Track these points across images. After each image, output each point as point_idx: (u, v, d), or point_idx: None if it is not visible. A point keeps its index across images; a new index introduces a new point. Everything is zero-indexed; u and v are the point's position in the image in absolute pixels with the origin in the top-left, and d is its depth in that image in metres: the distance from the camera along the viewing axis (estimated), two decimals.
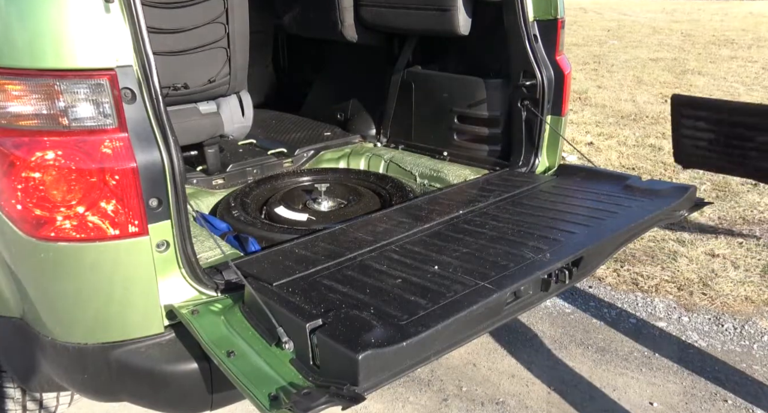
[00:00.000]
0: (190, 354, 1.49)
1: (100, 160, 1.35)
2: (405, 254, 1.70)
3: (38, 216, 1.37)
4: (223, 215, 2.16)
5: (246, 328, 1.45)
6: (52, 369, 1.59)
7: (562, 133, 2.45)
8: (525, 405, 2.38)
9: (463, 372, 2.58)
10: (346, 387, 1.21)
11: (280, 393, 1.24)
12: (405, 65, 2.86)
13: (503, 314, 1.55)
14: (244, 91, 2.59)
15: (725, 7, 17.18)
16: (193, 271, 1.51)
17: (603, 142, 5.39)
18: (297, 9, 3.00)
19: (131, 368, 1.50)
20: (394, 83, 2.89)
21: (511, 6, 2.34)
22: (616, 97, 6.98)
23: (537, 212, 2.01)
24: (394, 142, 2.95)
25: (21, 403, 1.99)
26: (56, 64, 1.29)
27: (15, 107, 1.32)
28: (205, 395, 1.51)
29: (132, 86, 1.35)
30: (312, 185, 2.49)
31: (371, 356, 1.21)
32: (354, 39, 2.81)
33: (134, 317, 1.49)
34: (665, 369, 2.57)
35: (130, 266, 1.44)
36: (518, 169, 2.46)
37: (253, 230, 2.02)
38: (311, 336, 1.30)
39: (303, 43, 3.51)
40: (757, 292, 3.09)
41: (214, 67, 2.29)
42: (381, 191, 2.44)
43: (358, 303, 1.42)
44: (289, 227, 2.06)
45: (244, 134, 2.75)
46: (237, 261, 1.63)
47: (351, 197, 2.40)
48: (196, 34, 2.17)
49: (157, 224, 1.43)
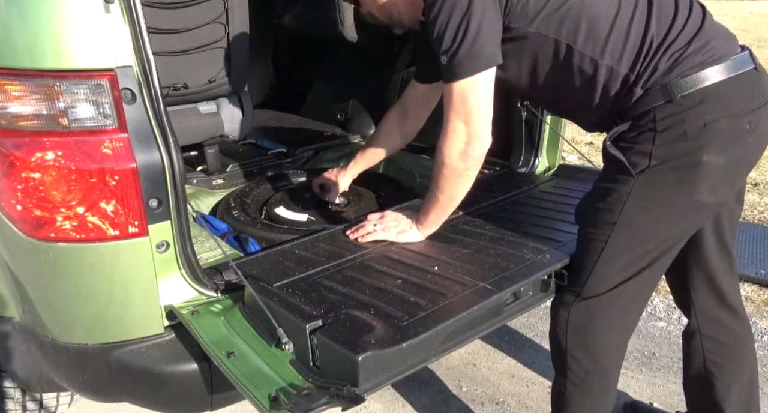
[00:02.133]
0: (190, 354, 1.50)
1: (100, 160, 1.35)
2: (405, 255, 1.70)
3: (38, 217, 1.37)
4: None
5: (246, 329, 1.45)
6: (52, 369, 1.59)
7: (562, 133, 2.45)
8: (525, 405, 2.38)
9: (463, 372, 2.58)
10: (346, 388, 1.21)
11: (280, 394, 1.24)
12: (405, 65, 2.86)
13: (503, 315, 1.55)
14: (244, 91, 2.59)
15: (725, 7, 17.17)
16: (193, 271, 1.51)
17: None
18: (297, 9, 3.00)
19: (131, 368, 1.50)
20: (394, 83, 2.88)
21: None
22: None
23: (537, 213, 2.01)
24: None
25: (21, 403, 1.99)
26: (56, 65, 1.29)
27: (15, 107, 1.32)
28: (205, 395, 1.52)
29: (132, 87, 1.35)
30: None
31: (371, 357, 1.22)
32: (354, 39, 2.81)
33: (134, 317, 1.49)
34: (665, 369, 2.57)
35: (129, 266, 1.44)
36: (518, 169, 2.47)
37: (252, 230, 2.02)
38: (311, 337, 1.30)
39: (303, 43, 3.51)
40: (757, 292, 3.09)
41: (214, 68, 2.29)
42: (380, 191, 2.44)
43: (358, 304, 1.42)
44: (290, 228, 2.06)
45: (244, 134, 2.75)
46: (237, 262, 1.63)
47: (351, 197, 2.40)
48: (196, 34, 2.17)
49: (157, 225, 1.43)
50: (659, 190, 1.47)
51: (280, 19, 3.11)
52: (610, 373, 1.72)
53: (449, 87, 1.50)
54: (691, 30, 1.45)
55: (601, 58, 1.46)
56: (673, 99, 1.41)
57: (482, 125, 1.52)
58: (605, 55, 1.46)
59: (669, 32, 1.44)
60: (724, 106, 1.42)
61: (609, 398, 1.75)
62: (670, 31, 1.44)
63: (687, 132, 1.41)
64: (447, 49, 1.46)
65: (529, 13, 1.48)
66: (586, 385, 1.68)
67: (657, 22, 1.45)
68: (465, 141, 1.53)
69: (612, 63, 1.46)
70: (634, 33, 1.45)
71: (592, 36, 1.46)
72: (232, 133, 2.63)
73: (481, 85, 1.49)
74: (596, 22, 1.46)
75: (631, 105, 1.47)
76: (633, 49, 1.45)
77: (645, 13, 1.46)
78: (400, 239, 1.77)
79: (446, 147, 1.56)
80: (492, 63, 1.49)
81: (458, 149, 1.54)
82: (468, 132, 1.52)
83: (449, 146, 1.55)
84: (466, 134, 1.52)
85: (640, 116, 1.45)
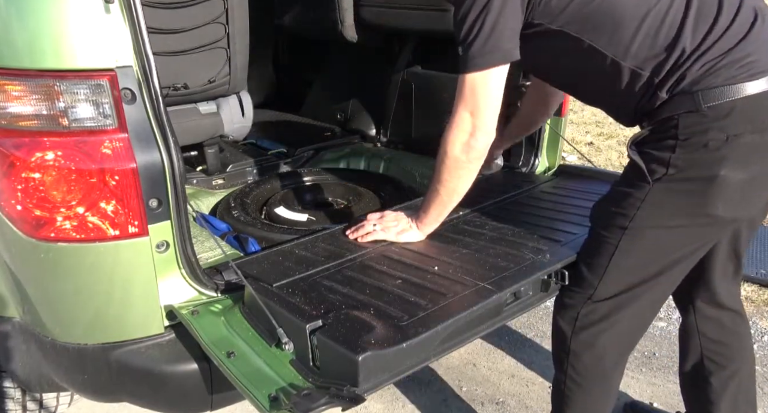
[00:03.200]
0: (190, 354, 1.50)
1: (100, 160, 1.35)
2: (405, 255, 1.70)
3: (38, 217, 1.37)
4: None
5: (246, 329, 1.45)
6: (52, 369, 1.59)
7: (562, 133, 2.45)
8: (525, 405, 2.38)
9: (463, 372, 2.58)
10: (346, 388, 1.21)
11: (280, 394, 1.24)
12: (405, 65, 2.85)
13: (503, 315, 1.55)
14: (244, 91, 2.59)
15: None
16: (193, 271, 1.51)
17: (603, 142, 5.39)
18: (297, 9, 3.00)
19: (131, 368, 1.50)
20: (394, 83, 2.88)
21: None
22: None
23: (537, 213, 2.01)
24: (394, 142, 2.95)
25: (21, 403, 1.99)
26: (56, 65, 1.28)
27: (15, 107, 1.32)
28: (205, 395, 1.52)
29: (132, 87, 1.35)
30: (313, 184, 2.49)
31: (371, 357, 1.22)
32: (354, 39, 2.81)
33: (134, 317, 1.49)
34: (665, 369, 2.57)
35: (129, 266, 1.44)
36: (518, 169, 2.46)
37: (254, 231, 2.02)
38: (311, 337, 1.30)
39: (303, 43, 3.51)
40: (757, 292, 3.09)
41: (214, 68, 2.29)
42: (380, 191, 2.43)
43: (358, 304, 1.42)
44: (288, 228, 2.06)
45: (244, 134, 2.75)
46: (237, 262, 1.63)
47: (351, 197, 2.40)
48: (196, 34, 2.17)
49: (157, 225, 1.43)
50: (673, 200, 1.44)
51: (280, 19, 3.11)
52: (612, 375, 1.72)
53: (461, 78, 1.50)
54: (734, 36, 1.36)
55: (623, 60, 1.43)
56: (698, 109, 1.36)
57: (488, 118, 1.52)
58: (628, 57, 1.43)
59: (706, 38, 1.37)
60: (752, 121, 1.36)
61: (609, 399, 1.75)
62: (707, 36, 1.37)
63: (708, 144, 1.37)
64: (463, 41, 1.47)
65: (552, 11, 1.46)
66: (588, 384, 1.68)
67: (694, 25, 1.38)
68: (469, 132, 1.53)
69: (635, 65, 1.43)
70: (664, 36, 1.40)
71: (615, 37, 1.43)
72: (232, 133, 2.64)
73: (492, 80, 1.49)
74: (622, 22, 1.42)
75: (656, 108, 1.43)
76: (660, 53, 1.40)
77: (681, 13, 1.40)
78: (399, 239, 1.77)
79: (450, 137, 1.56)
80: (506, 59, 1.48)
81: (462, 139, 1.54)
82: (473, 123, 1.52)
83: (453, 136, 1.55)
84: (471, 125, 1.52)
85: (663, 121, 1.42)
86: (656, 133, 1.44)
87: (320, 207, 2.34)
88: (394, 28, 2.75)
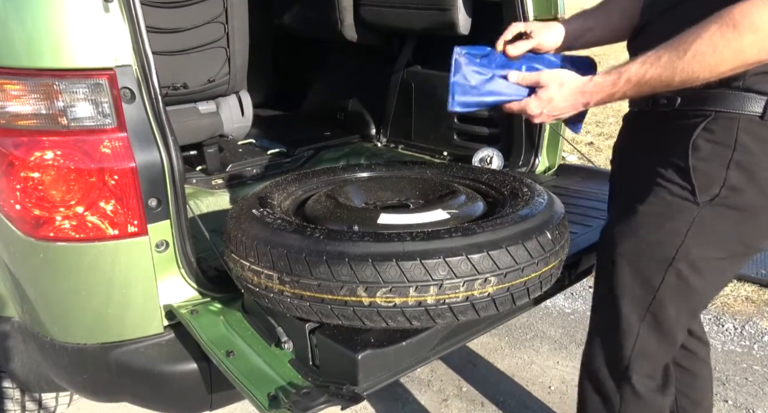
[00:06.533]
0: (190, 354, 1.49)
1: (99, 160, 1.35)
2: None
3: (37, 216, 1.37)
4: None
5: (245, 328, 1.45)
6: (51, 369, 1.59)
7: (562, 133, 2.45)
8: (525, 405, 2.38)
9: (463, 372, 2.57)
10: (346, 387, 1.21)
11: (280, 393, 1.24)
12: (405, 65, 2.86)
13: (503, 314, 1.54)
14: (244, 91, 2.59)
15: None
16: (192, 271, 1.51)
17: (603, 142, 5.39)
18: (297, 9, 3.00)
19: (131, 368, 1.50)
20: (394, 83, 2.88)
21: (511, 5, 2.33)
22: None
23: None
24: (394, 142, 2.95)
25: (20, 403, 1.99)
26: (55, 64, 1.28)
27: (14, 106, 1.32)
28: (205, 395, 1.51)
29: (131, 86, 1.35)
30: None
31: (371, 356, 1.21)
32: (354, 39, 2.81)
33: (133, 317, 1.49)
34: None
35: (129, 266, 1.44)
36: (518, 169, 2.46)
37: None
38: (310, 336, 1.30)
39: (303, 43, 3.51)
40: (758, 292, 3.09)
41: (214, 67, 2.29)
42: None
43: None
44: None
45: (243, 133, 2.74)
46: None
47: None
48: (195, 33, 2.17)
49: (156, 224, 1.43)
50: (723, 228, 1.22)
51: (280, 19, 3.11)
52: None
53: None
54: None
55: None
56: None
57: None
58: None
59: None
60: None
61: None
62: None
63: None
64: None
65: None
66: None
67: None
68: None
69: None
70: None
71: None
72: (232, 132, 2.63)
73: None
74: None
75: (711, 97, 1.18)
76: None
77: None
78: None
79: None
80: None
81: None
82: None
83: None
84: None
85: (719, 118, 1.17)
86: (709, 132, 1.19)
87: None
88: (394, 28, 2.75)
